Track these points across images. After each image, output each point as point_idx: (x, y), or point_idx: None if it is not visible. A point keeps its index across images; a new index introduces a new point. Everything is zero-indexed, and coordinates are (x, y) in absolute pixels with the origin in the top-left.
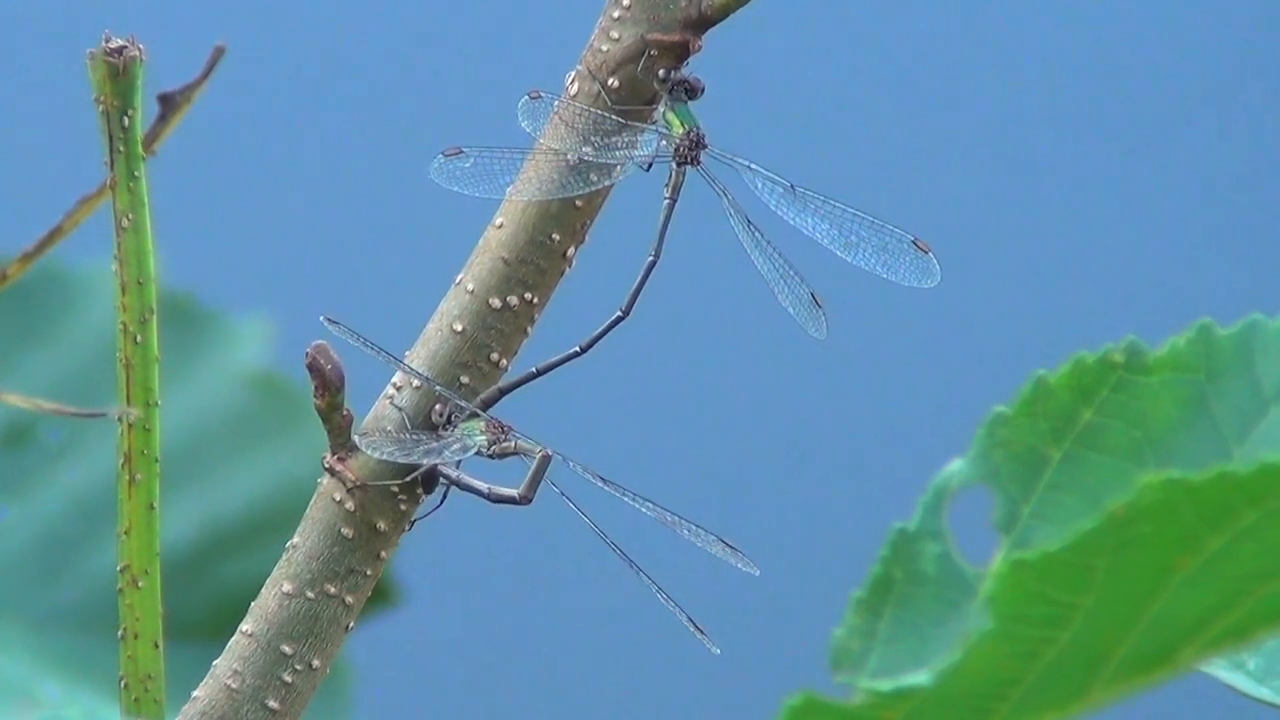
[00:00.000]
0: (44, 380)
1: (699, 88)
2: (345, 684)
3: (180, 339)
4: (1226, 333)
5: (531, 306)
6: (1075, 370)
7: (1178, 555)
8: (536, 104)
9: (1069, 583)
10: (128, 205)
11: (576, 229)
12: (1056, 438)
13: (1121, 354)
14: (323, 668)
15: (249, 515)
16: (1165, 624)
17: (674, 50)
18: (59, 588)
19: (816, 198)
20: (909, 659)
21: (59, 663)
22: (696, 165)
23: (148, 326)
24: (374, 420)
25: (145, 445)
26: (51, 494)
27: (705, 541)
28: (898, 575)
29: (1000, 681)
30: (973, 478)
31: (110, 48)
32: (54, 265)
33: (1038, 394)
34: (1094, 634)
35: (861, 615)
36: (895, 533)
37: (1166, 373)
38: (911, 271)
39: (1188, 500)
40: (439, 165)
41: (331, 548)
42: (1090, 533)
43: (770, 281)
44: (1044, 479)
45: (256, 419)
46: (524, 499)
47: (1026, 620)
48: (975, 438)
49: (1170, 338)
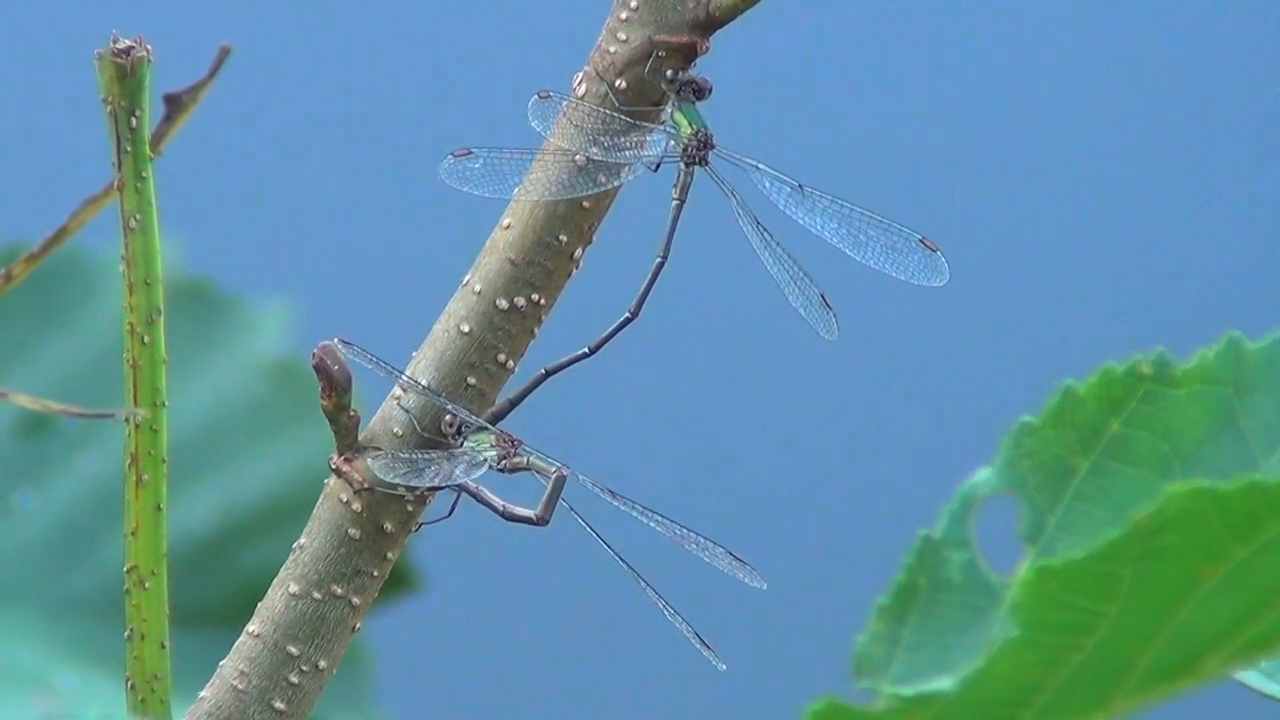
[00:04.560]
0: (63, 367)
1: (707, 88)
2: (366, 670)
3: (198, 326)
4: (1256, 346)
5: (539, 308)
6: (1104, 381)
7: (1204, 565)
8: (547, 103)
9: (1094, 591)
10: (135, 206)
11: (584, 230)
12: (1084, 448)
13: (1150, 365)
14: (329, 669)
15: (267, 503)
16: (1190, 633)
17: (682, 52)
18: (76, 576)
19: (825, 197)
20: (932, 666)
21: (76, 651)
22: (705, 166)
23: (155, 327)
24: (380, 421)
25: (152, 446)
26: (70, 482)
27: (713, 555)
28: (922, 582)
29: (1024, 688)
30: (999, 487)
31: (118, 48)
32: (73, 252)
33: (1065, 404)
34: (1118, 642)
35: (885, 622)
36: (921, 540)
37: (1195, 385)
38: (920, 270)
39: (1215, 510)
40: (448, 166)
41: (338, 549)
42: (1116, 541)
43: (780, 282)
44: (1071, 490)
45: (275, 407)
46: (541, 520)
47: (1051, 628)
48: (1002, 447)
49: (1199, 350)
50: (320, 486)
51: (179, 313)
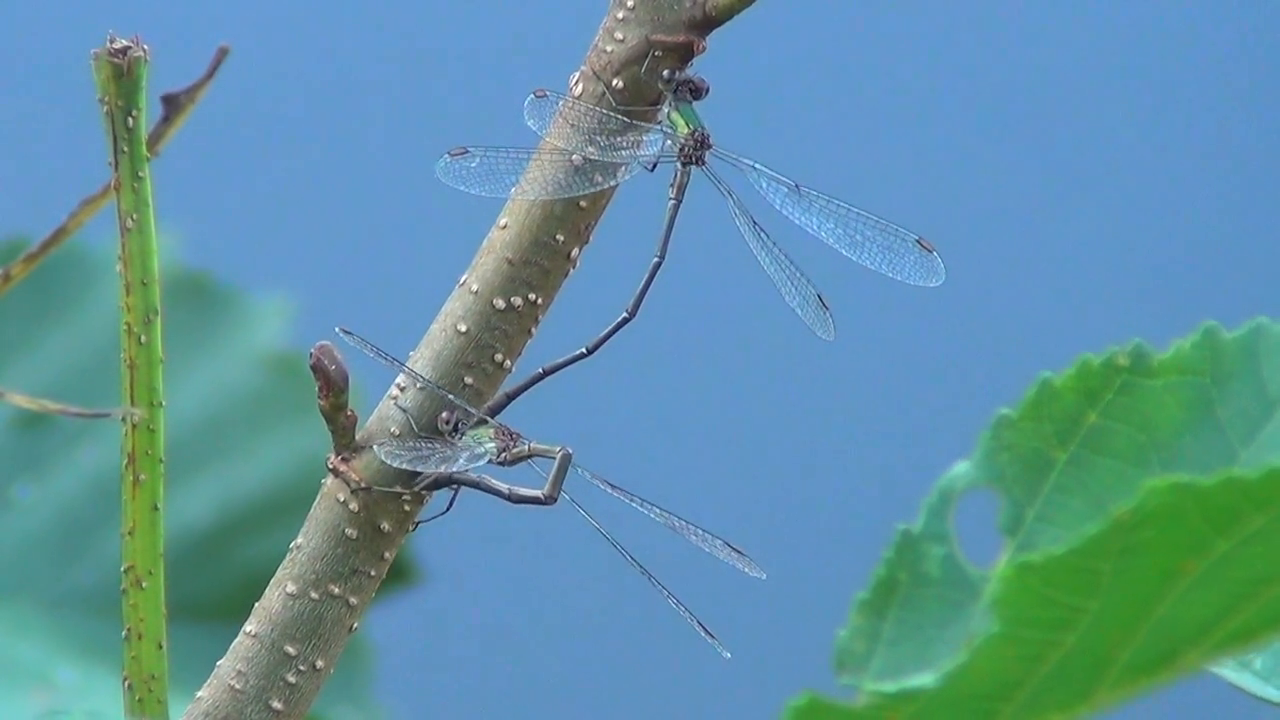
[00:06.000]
0: (63, 361)
1: (703, 88)
2: (366, 664)
3: (198, 319)
4: (1232, 336)
5: (536, 307)
6: (1080, 373)
7: (1184, 559)
8: (543, 102)
9: (1075, 586)
10: (132, 206)
11: (581, 229)
12: (1062, 440)
13: (1127, 357)
14: (327, 668)
15: (267, 496)
16: (1171, 627)
17: (678, 51)
18: (76, 569)
19: (821, 197)
20: (913, 660)
21: (75, 645)
22: (701, 165)
23: (152, 327)
24: (377, 420)
25: (149, 445)
26: (69, 475)
27: (711, 546)
28: (902, 577)
29: (1005, 683)
30: (978, 480)
31: (114, 48)
32: (72, 246)
33: (1043, 397)
34: (1099, 637)
35: (865, 616)
36: (900, 534)
37: (1172, 376)
38: (916, 270)
39: (1194, 504)
40: (445, 165)
41: (335, 548)
42: (1096, 536)
43: (777, 282)
44: (1049, 482)
45: (275, 399)
46: (549, 499)
47: (1032, 623)
48: (980, 440)
49: (1175, 341)
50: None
51: (179, 306)
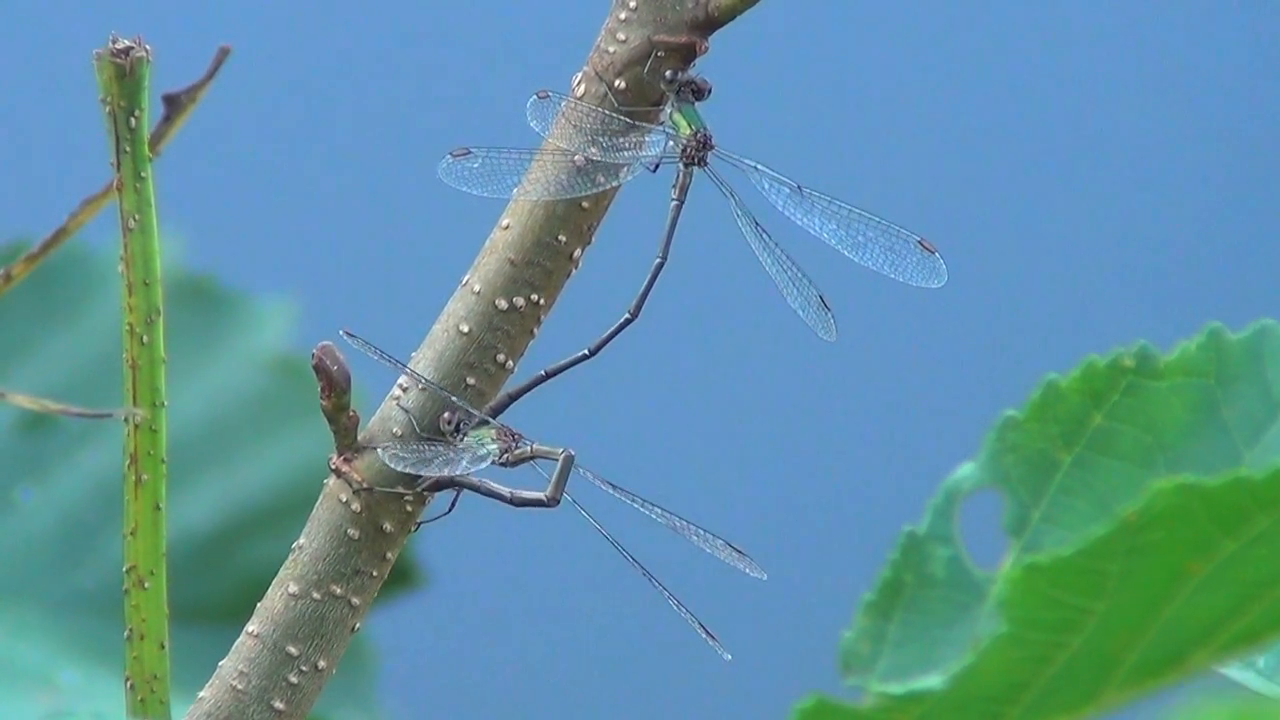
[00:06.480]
0: (65, 362)
1: (706, 89)
2: (369, 666)
3: (201, 322)
4: (1237, 337)
5: (538, 308)
6: (1086, 374)
7: (1190, 560)
8: (545, 103)
9: (1082, 587)
10: (134, 206)
11: (583, 230)
12: (1067, 442)
13: (1132, 358)
14: (329, 669)
15: (270, 498)
16: (1177, 628)
17: (681, 52)
18: (79, 571)
19: (823, 198)
20: (918, 662)
21: (79, 647)
22: (704, 166)
23: (154, 327)
24: (379, 421)
25: (152, 446)
26: (73, 478)
27: (713, 547)
28: (907, 578)
29: (1012, 685)
30: (983, 481)
31: (116, 48)
32: (74, 247)
33: (1048, 398)
34: (1106, 638)
35: (871, 618)
36: (905, 536)
37: (1177, 377)
38: (918, 272)
39: (1201, 505)
40: (447, 165)
41: (338, 549)
42: (1103, 538)
43: (779, 283)
44: (1054, 483)
45: (278, 402)
46: (552, 500)
47: (1039, 624)
48: (985, 441)
49: (1180, 342)
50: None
51: (182, 310)
